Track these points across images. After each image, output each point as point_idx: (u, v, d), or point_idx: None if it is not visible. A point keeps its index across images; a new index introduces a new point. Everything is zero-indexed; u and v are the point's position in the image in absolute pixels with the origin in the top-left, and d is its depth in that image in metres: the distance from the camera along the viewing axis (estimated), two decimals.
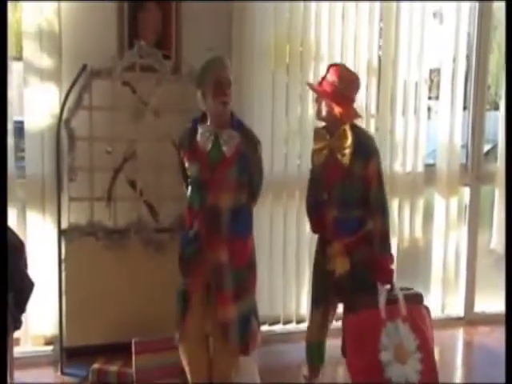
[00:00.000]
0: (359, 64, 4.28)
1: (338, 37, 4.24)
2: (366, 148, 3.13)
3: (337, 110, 3.12)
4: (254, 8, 4.04)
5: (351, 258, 3.16)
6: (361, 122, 4.12)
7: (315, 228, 3.34)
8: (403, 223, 4.47)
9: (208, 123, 2.95)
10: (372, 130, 4.31)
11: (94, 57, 3.74)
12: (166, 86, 3.79)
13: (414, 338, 3.07)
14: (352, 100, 3.20)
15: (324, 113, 3.18)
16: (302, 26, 4.16)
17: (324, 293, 3.28)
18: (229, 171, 2.94)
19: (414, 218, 4.48)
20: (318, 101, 3.22)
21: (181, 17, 3.95)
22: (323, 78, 3.22)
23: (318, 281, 3.34)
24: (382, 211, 3.17)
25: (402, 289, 3.17)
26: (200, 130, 2.94)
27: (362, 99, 4.26)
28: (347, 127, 3.14)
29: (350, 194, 3.15)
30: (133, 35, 3.87)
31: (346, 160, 3.09)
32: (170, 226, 3.86)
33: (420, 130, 4.43)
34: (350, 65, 4.11)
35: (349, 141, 3.10)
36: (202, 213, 2.93)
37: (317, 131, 3.28)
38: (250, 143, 3.00)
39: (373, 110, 4.35)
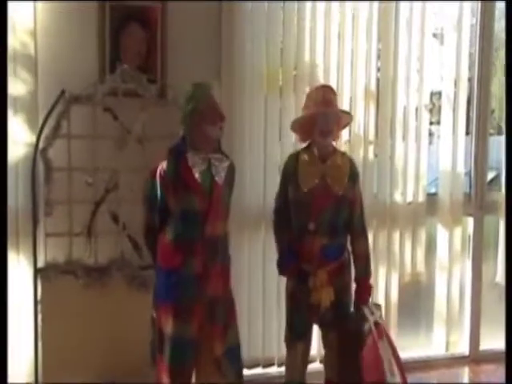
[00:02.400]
0: (356, 87, 4.28)
1: (334, 59, 4.22)
2: (354, 171, 3.33)
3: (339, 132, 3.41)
4: (244, 29, 4.03)
5: (334, 285, 3.26)
6: (359, 149, 4.29)
7: (295, 261, 3.32)
8: (404, 256, 4.44)
9: (196, 150, 3.01)
10: (370, 157, 4.31)
11: (72, 81, 3.71)
12: (151, 112, 3.77)
13: (391, 352, 3.33)
14: None
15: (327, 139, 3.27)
16: (295, 48, 4.15)
17: (305, 327, 3.33)
18: (222, 198, 3.05)
19: (416, 251, 4.46)
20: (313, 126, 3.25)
21: (166, 38, 3.93)
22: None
23: (298, 316, 3.34)
24: (365, 233, 3.36)
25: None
26: (192, 159, 2.99)
27: (360, 124, 4.26)
28: (344, 154, 3.37)
29: (340, 219, 3.26)
30: (115, 58, 3.85)
31: (341, 185, 3.23)
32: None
33: (421, 157, 4.43)
34: (346, 88, 4.24)
35: (348, 169, 3.28)
36: (201, 246, 2.98)
37: (305, 157, 3.30)
38: (230, 165, 3.13)
39: (371, 135, 4.33)
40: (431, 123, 4.62)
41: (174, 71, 3.92)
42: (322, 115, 3.22)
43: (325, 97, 3.24)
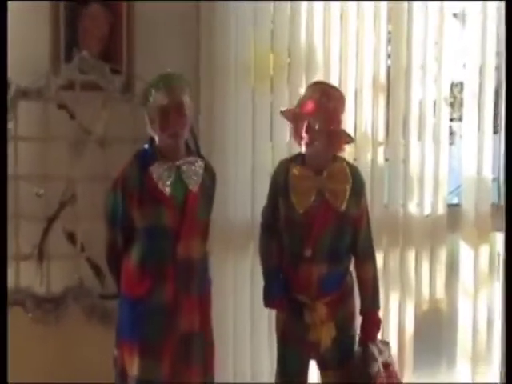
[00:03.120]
0: (363, 77, 3.98)
1: (336, 43, 3.95)
2: (359, 182, 3.11)
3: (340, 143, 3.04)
4: (227, 9, 3.79)
5: (335, 318, 3.07)
6: (366, 152, 3.97)
7: (284, 292, 3.10)
8: (421, 280, 4.11)
9: (161, 156, 2.88)
10: (380, 161, 4.01)
11: (19, 72, 3.52)
12: (115, 109, 3.64)
13: None
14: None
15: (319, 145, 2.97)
16: (289, 31, 3.90)
17: (300, 367, 3.13)
18: (198, 210, 2.92)
19: (435, 274, 4.13)
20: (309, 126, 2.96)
21: (133, 21, 3.77)
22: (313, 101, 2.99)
23: (291, 353, 3.13)
24: (373, 255, 3.17)
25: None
26: (157, 171, 2.84)
27: (368, 122, 3.98)
28: (343, 161, 3.10)
29: (342, 242, 3.07)
30: (71, 44, 3.72)
31: (343, 200, 3.00)
32: None
33: (440, 161, 4.09)
34: (351, 78, 4.00)
35: (349, 179, 3.03)
36: (173, 271, 2.84)
37: (297, 169, 3.04)
38: (208, 172, 3.00)
39: (381, 135, 4.03)
40: (452, 120, 4.36)
41: (142, 60, 3.74)
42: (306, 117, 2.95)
43: (314, 96, 2.96)
